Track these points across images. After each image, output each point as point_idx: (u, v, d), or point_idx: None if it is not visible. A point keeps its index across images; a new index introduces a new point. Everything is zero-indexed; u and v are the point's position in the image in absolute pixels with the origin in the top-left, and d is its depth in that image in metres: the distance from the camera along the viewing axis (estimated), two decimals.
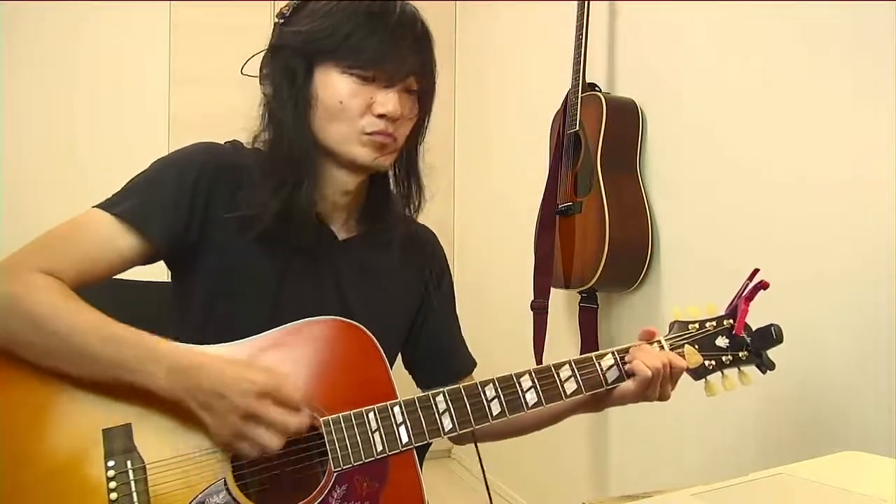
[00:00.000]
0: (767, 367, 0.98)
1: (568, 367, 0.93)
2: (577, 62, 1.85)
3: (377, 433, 0.84)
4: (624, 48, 1.93)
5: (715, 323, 1.00)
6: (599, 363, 0.95)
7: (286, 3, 0.95)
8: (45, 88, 2.58)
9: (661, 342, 0.99)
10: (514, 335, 2.29)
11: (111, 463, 0.76)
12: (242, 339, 0.86)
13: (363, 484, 0.82)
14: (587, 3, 1.84)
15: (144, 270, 0.96)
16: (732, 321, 1.00)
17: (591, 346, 1.86)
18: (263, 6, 2.74)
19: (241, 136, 0.98)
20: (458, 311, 1.16)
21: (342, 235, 1.00)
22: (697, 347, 0.98)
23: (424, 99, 0.97)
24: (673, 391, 0.98)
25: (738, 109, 1.53)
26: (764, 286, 0.97)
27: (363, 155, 0.92)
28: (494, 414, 0.89)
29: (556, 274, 1.88)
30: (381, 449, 0.84)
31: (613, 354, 0.96)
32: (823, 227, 1.31)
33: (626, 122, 1.79)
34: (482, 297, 2.71)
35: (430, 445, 0.91)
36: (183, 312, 0.96)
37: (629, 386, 0.95)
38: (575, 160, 1.84)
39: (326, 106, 0.90)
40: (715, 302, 1.03)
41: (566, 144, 1.86)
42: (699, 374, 0.98)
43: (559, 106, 1.96)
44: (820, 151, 1.33)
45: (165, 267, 0.97)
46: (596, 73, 1.96)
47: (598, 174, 1.75)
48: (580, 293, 1.89)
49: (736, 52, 1.54)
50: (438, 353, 1.11)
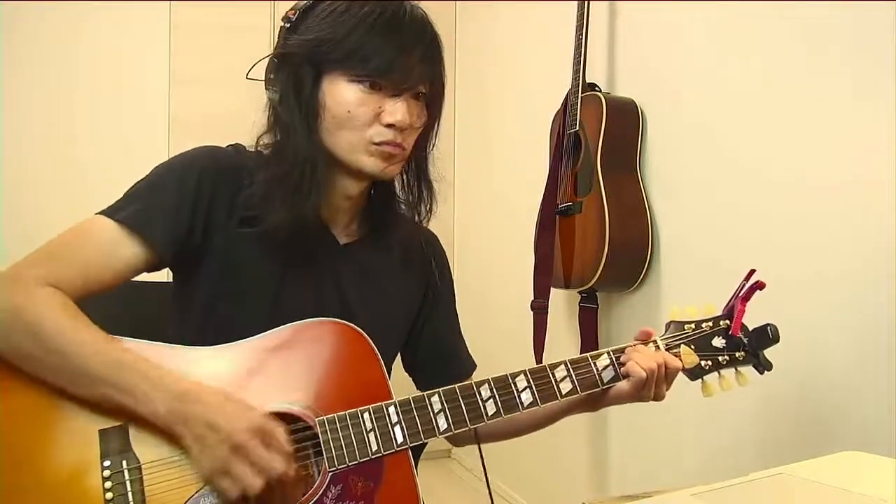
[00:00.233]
0: (765, 367, 0.98)
1: (563, 367, 0.93)
2: (577, 62, 1.85)
3: (372, 433, 0.84)
4: (624, 48, 1.93)
5: (711, 323, 1.00)
6: (595, 363, 0.95)
7: (292, 5, 0.93)
8: (45, 88, 2.58)
9: (657, 342, 0.98)
10: (514, 335, 2.29)
11: (107, 463, 0.76)
12: (241, 339, 0.86)
13: (358, 484, 0.82)
14: (587, 3, 1.84)
15: None
16: (729, 321, 0.99)
17: (591, 346, 1.85)
18: (263, 6, 2.74)
19: (241, 136, 0.98)
20: (458, 311, 1.16)
21: (343, 239, 1.00)
22: (694, 348, 0.98)
23: (433, 104, 0.96)
24: (668, 391, 0.97)
25: (738, 109, 1.52)
26: (760, 286, 0.97)
27: (371, 165, 0.91)
28: (490, 414, 0.88)
29: (556, 274, 1.88)
30: (375, 449, 0.83)
31: (609, 354, 0.96)
32: (823, 227, 1.31)
33: (626, 122, 1.79)
34: (482, 297, 2.70)
35: (425, 446, 0.90)
36: (183, 312, 0.96)
37: (623, 386, 0.95)
38: (575, 160, 1.84)
39: (334, 114, 0.89)
40: (715, 302, 1.03)
41: (566, 144, 1.86)
42: (695, 374, 0.98)
43: (559, 106, 1.96)
44: (820, 151, 1.32)
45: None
46: (596, 73, 1.96)
47: (598, 174, 1.75)
48: (580, 293, 1.88)
49: (736, 52, 1.54)
50: (438, 355, 1.11)
